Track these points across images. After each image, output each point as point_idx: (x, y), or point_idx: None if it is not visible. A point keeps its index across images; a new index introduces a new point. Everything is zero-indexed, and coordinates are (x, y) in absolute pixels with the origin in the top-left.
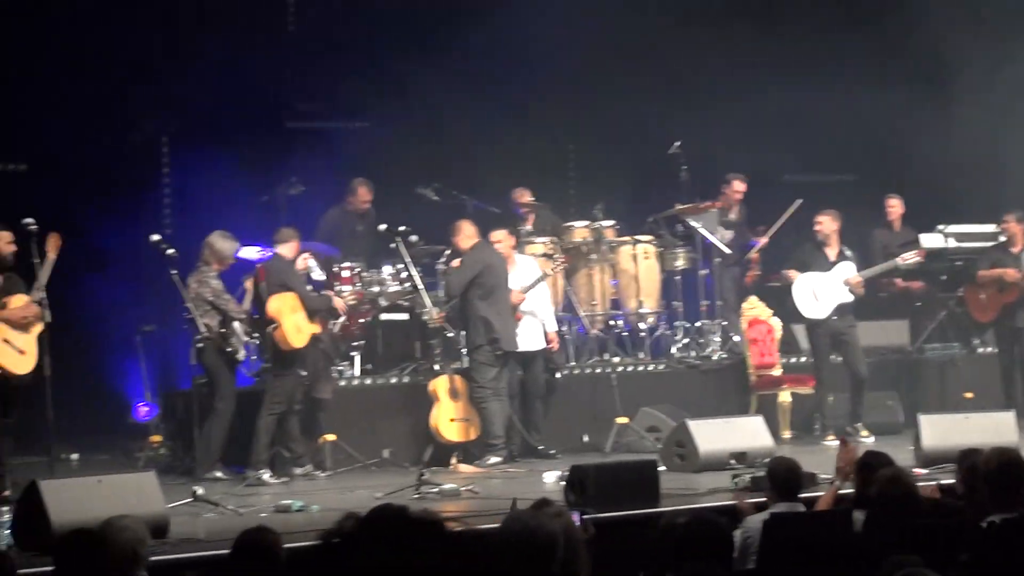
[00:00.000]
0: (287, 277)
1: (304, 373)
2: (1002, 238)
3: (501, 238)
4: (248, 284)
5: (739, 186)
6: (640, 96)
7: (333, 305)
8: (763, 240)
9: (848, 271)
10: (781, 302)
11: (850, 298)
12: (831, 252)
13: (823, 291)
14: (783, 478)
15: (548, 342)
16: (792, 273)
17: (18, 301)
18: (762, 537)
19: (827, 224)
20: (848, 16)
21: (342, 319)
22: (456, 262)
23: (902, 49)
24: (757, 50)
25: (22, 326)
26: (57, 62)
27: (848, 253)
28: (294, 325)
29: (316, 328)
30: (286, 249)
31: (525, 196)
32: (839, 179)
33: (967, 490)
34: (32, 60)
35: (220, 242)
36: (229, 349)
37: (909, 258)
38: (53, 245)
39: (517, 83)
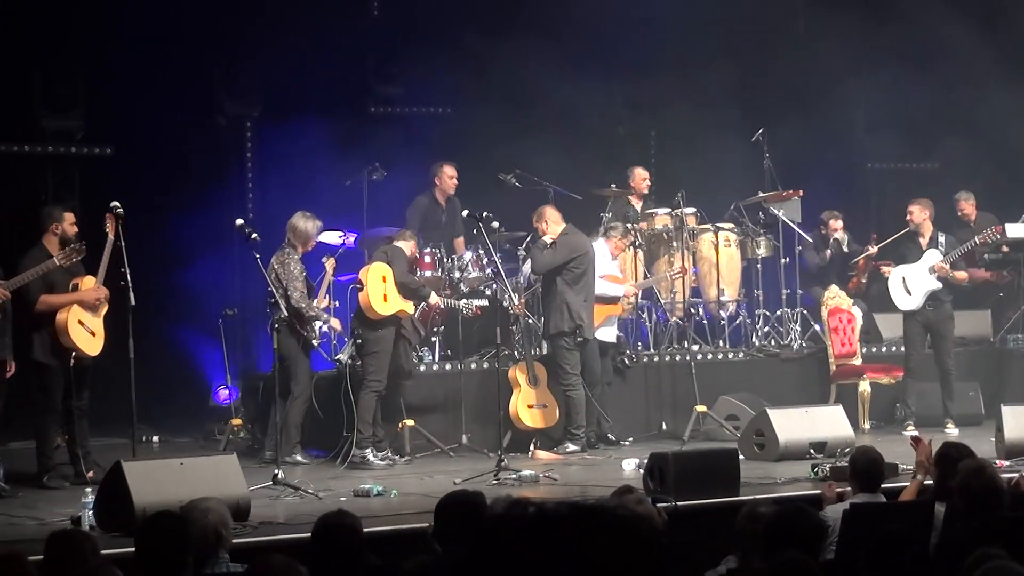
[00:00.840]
0: (393, 255)
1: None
2: None
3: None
4: (328, 264)
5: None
6: (723, 83)
7: (425, 293)
8: (873, 248)
9: (933, 258)
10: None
11: (939, 285)
12: (923, 241)
13: (913, 281)
14: (865, 468)
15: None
16: (886, 268)
17: (88, 283)
18: (841, 527)
19: (917, 214)
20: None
21: (422, 304)
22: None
23: (988, 37)
24: (839, 38)
25: (93, 308)
26: (142, 45)
27: (941, 239)
28: (380, 292)
29: (407, 307)
30: (405, 247)
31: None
32: (924, 167)
33: None
34: (117, 43)
35: (302, 222)
36: (305, 332)
37: (988, 237)
38: (110, 227)
39: (601, 69)
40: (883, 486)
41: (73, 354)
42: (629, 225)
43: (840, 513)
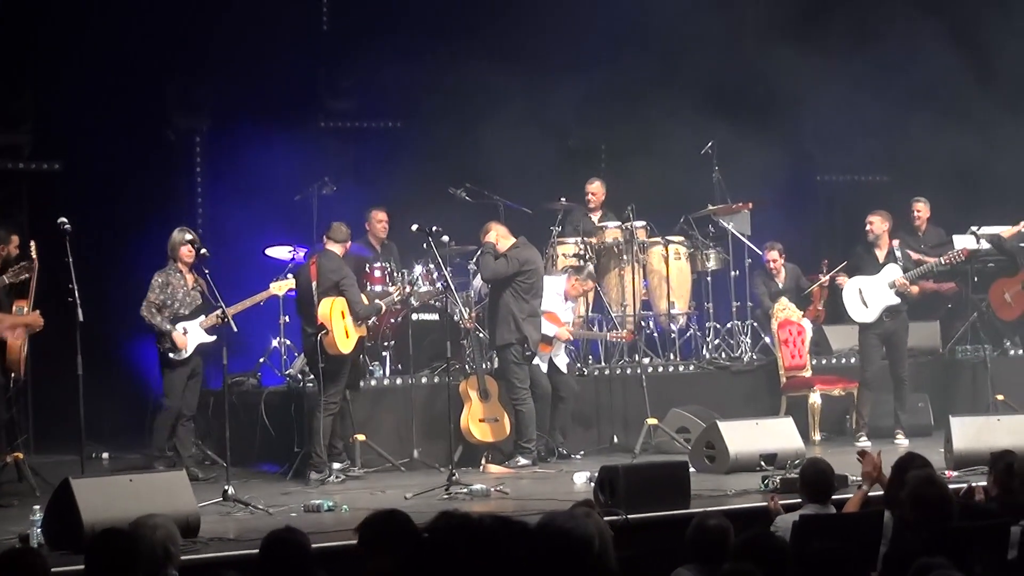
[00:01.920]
0: (341, 276)
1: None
2: None
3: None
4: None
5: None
6: (672, 96)
7: (378, 307)
8: (824, 277)
9: (894, 273)
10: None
11: (897, 300)
12: (880, 254)
13: (871, 294)
14: (814, 480)
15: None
16: (842, 278)
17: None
18: (791, 538)
19: (877, 225)
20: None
21: (373, 319)
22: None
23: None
24: (792, 52)
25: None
26: (91, 60)
27: (897, 254)
28: (343, 330)
29: (362, 332)
30: (338, 247)
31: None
32: (874, 179)
33: (1001, 491)
34: (65, 58)
35: (173, 235)
36: (158, 345)
37: (953, 258)
38: (35, 252)
39: (550, 84)
40: (833, 497)
41: (13, 375)
42: (582, 239)
43: (790, 524)
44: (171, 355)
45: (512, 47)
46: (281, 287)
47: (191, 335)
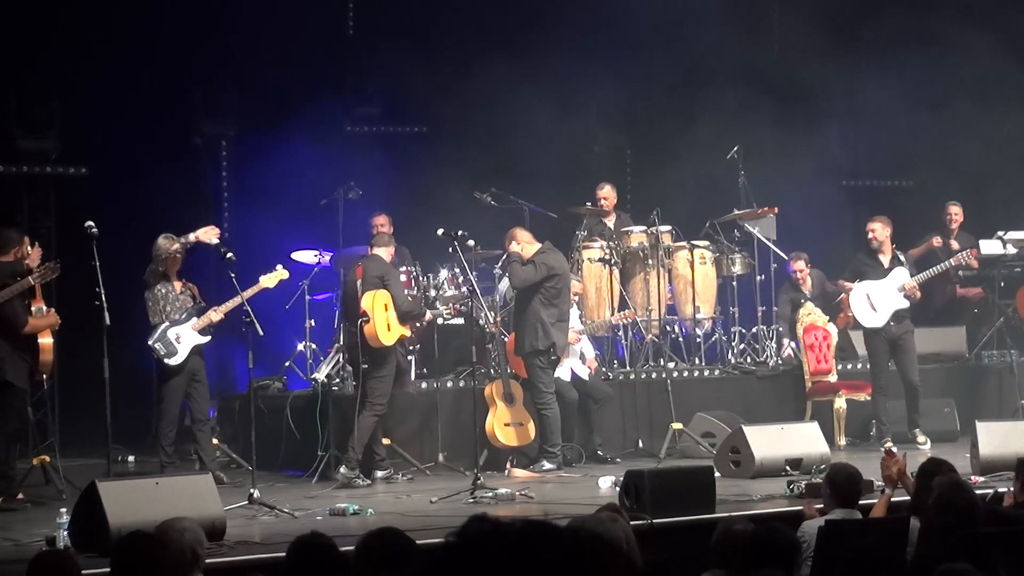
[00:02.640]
0: (385, 272)
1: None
2: None
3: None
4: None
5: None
6: (698, 101)
7: (422, 311)
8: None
9: (903, 277)
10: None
11: (906, 304)
12: (885, 259)
13: (879, 299)
14: (843, 485)
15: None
16: (847, 283)
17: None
18: (816, 543)
19: (879, 231)
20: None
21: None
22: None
23: (967, 57)
24: (818, 57)
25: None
26: (117, 65)
27: (902, 258)
28: (384, 322)
29: (406, 331)
30: (384, 252)
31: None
32: (897, 184)
33: None
34: (92, 63)
35: (158, 242)
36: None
37: (962, 259)
38: (35, 256)
39: (577, 88)
40: (860, 502)
41: (44, 376)
42: (608, 243)
43: (816, 529)
44: (166, 361)
45: (537, 52)
46: (272, 279)
47: (184, 339)
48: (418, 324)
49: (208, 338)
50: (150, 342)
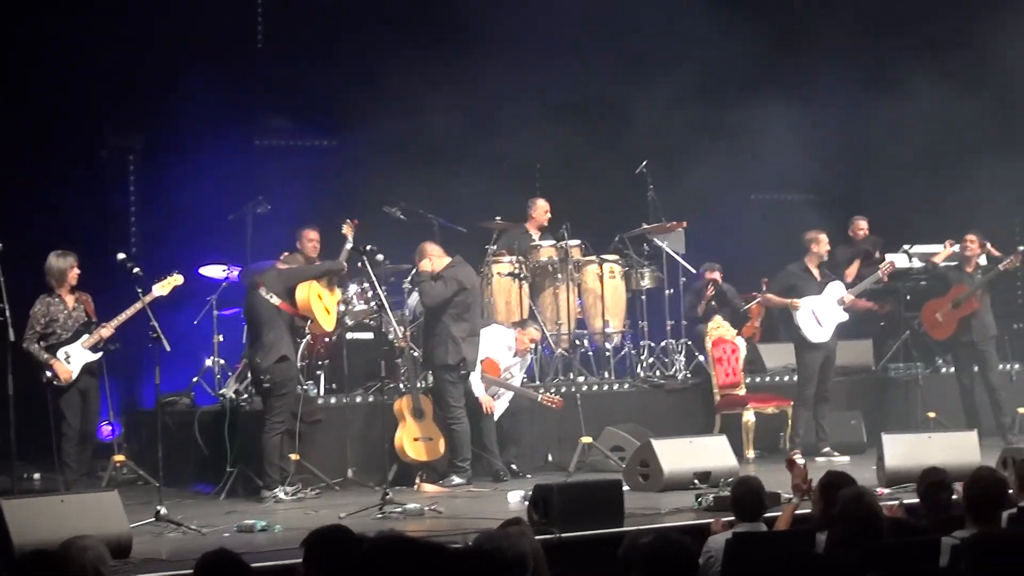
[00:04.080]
0: (288, 275)
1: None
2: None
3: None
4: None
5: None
6: (608, 115)
7: (341, 264)
8: (761, 296)
9: (839, 290)
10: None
11: (846, 317)
12: (817, 273)
13: (823, 313)
14: (745, 498)
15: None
16: (773, 296)
17: None
18: (724, 557)
19: (824, 244)
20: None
21: (307, 338)
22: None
23: (871, 72)
24: (725, 70)
25: None
26: (21, 75)
27: (828, 273)
28: (323, 310)
29: (335, 297)
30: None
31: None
32: (804, 198)
33: (929, 508)
34: None
35: (50, 260)
36: (37, 375)
37: (887, 270)
38: None
39: (487, 103)
40: (766, 515)
41: None
42: (517, 257)
43: (723, 544)
44: (55, 383)
45: (447, 66)
46: (165, 286)
47: (74, 358)
48: (309, 339)
49: (99, 355)
50: (43, 357)
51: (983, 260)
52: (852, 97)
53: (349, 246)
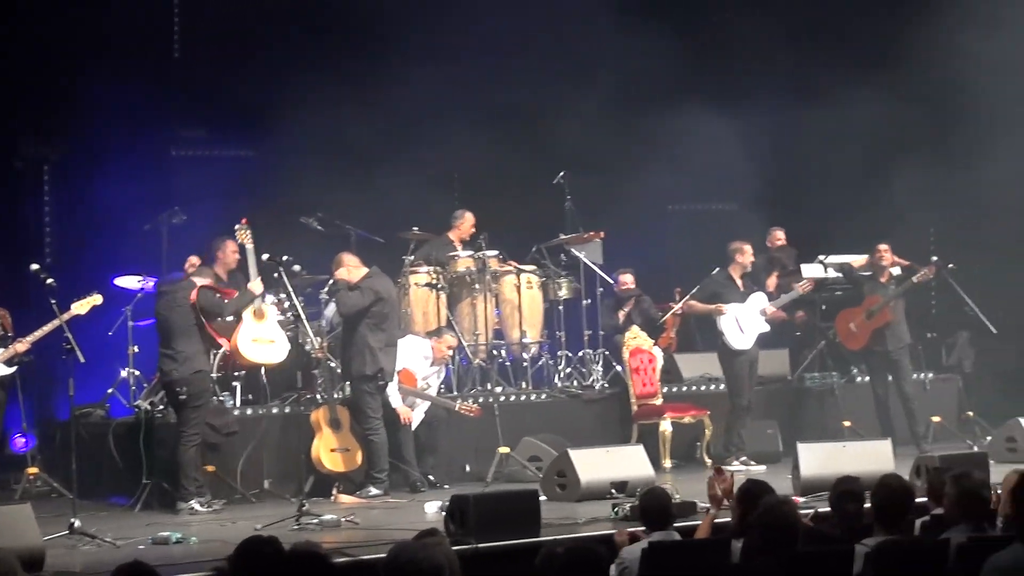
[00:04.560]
0: (207, 310)
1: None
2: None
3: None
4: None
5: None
6: (527, 125)
7: (253, 294)
8: (678, 306)
9: (762, 301)
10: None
11: (767, 328)
12: (740, 283)
13: (746, 322)
14: (651, 508)
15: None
16: (720, 306)
17: None
18: (641, 567)
19: (750, 254)
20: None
21: (223, 349)
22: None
23: (794, 82)
24: (641, 76)
25: None
26: None
27: (751, 284)
28: (262, 350)
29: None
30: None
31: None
32: (721, 208)
33: (841, 517)
34: None
35: None
36: None
37: (807, 287)
38: None
39: (406, 113)
40: (682, 524)
41: None
42: (435, 268)
43: (638, 553)
44: None
45: (365, 76)
46: (83, 306)
47: None
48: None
49: (14, 369)
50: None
51: (897, 270)
52: (775, 107)
53: (252, 254)
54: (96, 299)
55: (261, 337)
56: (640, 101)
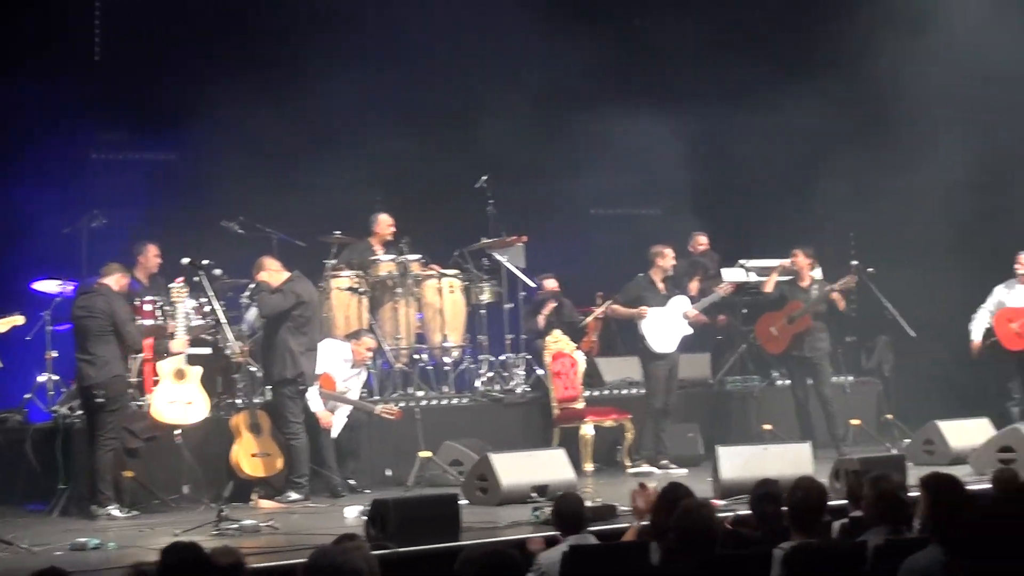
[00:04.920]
0: (114, 309)
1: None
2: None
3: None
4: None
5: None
6: (449, 128)
7: (171, 351)
8: (599, 310)
9: (684, 305)
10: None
11: (690, 331)
12: (662, 286)
13: (668, 325)
14: (567, 513)
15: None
16: (619, 307)
17: None
18: (562, 569)
19: (671, 257)
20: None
21: (141, 355)
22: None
23: (720, 87)
24: (564, 81)
25: None
26: None
27: (673, 288)
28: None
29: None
30: (112, 281)
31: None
32: (644, 212)
33: (760, 519)
34: None
35: None
36: None
37: (727, 289)
38: None
39: (324, 115)
40: (601, 528)
41: None
42: (356, 272)
43: (557, 557)
44: None
45: (288, 80)
46: (3, 325)
47: None
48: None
49: None
50: None
51: (818, 274)
52: (700, 112)
53: (183, 316)
54: (18, 319)
55: (179, 399)
56: (564, 105)
